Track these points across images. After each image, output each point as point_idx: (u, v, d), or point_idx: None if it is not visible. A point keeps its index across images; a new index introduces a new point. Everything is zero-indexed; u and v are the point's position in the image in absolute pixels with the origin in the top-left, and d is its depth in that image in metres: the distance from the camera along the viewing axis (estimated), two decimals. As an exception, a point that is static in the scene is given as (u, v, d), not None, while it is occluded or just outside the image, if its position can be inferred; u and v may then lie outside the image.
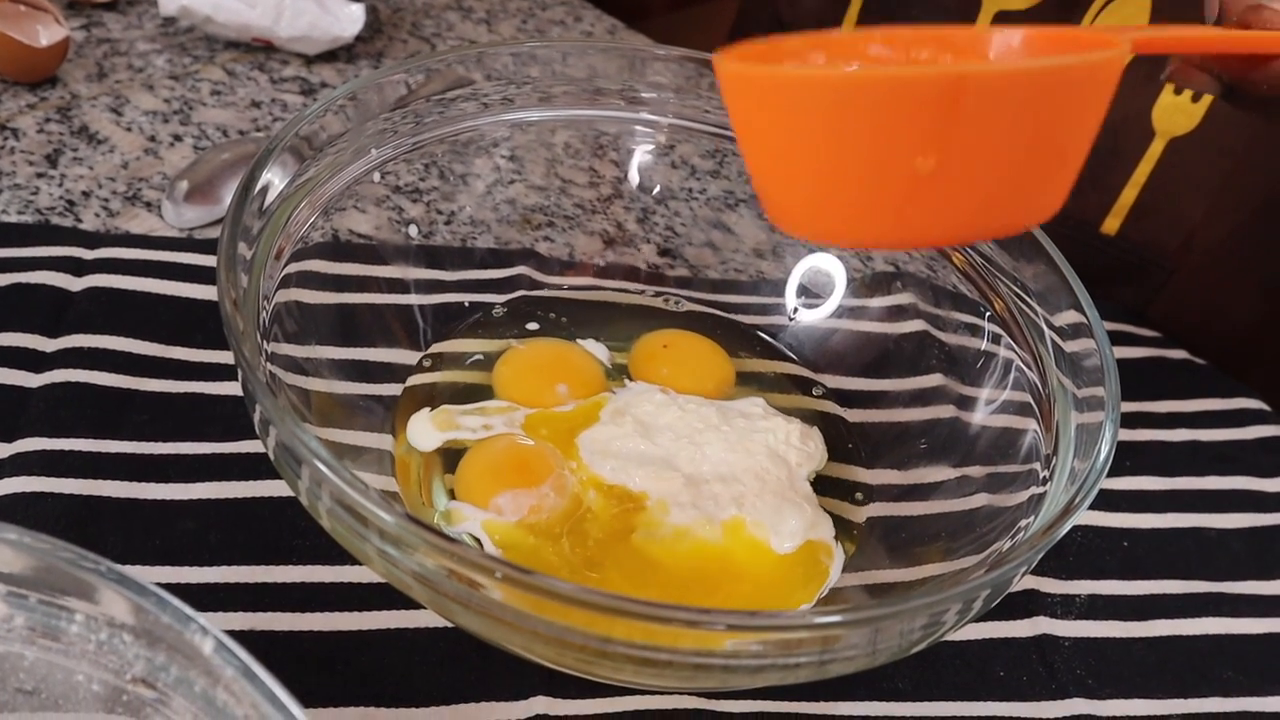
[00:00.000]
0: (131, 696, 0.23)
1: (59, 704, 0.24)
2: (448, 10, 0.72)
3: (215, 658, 0.21)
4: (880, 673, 0.38)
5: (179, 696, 0.23)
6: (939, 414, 0.44)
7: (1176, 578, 0.44)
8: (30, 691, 0.24)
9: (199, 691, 0.22)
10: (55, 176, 0.52)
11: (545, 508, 0.36)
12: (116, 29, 0.63)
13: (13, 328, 0.43)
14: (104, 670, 0.23)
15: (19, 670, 0.24)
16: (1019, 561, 0.28)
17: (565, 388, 0.41)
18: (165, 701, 0.23)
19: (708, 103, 0.48)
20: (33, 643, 0.24)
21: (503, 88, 0.47)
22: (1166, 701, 0.39)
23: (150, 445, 0.39)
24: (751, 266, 0.50)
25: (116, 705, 0.24)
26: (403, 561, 0.26)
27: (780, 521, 0.37)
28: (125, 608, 0.22)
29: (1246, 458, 0.50)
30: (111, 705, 0.24)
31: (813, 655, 0.26)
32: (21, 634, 0.23)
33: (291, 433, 0.27)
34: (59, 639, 0.23)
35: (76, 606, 0.23)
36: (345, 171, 0.42)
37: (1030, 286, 0.41)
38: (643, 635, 0.24)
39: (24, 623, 0.23)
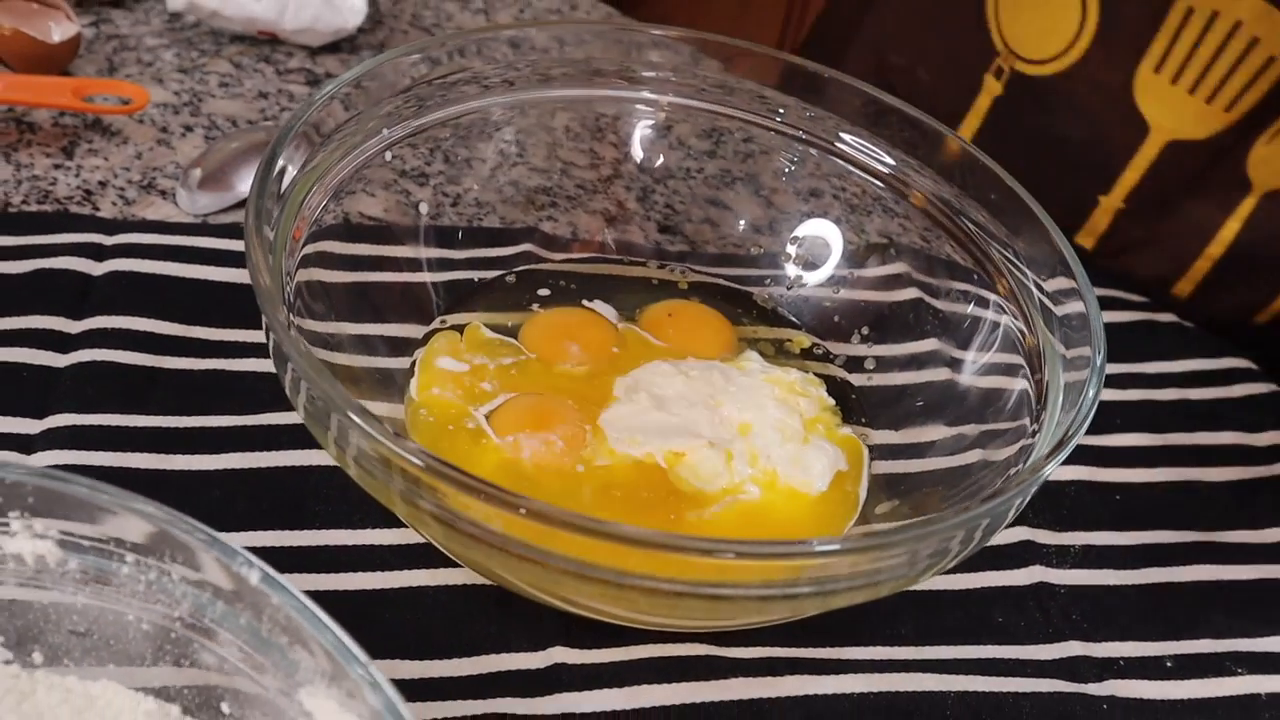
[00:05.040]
0: (179, 634, 0.25)
1: (110, 644, 0.26)
2: (446, 1, 0.74)
3: (262, 588, 0.22)
4: (884, 619, 0.39)
5: (224, 631, 0.24)
6: (935, 376, 0.45)
7: (1168, 528, 0.46)
8: (83, 633, 0.26)
9: (244, 624, 0.24)
10: (72, 167, 0.53)
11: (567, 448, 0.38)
12: (124, 25, 0.65)
13: (38, 311, 0.44)
14: (153, 610, 0.25)
15: (72, 613, 0.25)
16: (1014, 493, 0.30)
17: (579, 348, 0.43)
18: (212, 635, 0.24)
19: (704, 81, 0.50)
20: (85, 585, 0.25)
21: (502, 70, 0.48)
22: (1159, 644, 0.41)
23: (175, 419, 0.41)
24: (749, 241, 0.52)
25: (165, 643, 0.25)
26: (425, 502, 0.27)
27: (808, 465, 0.39)
28: (174, 547, 0.24)
29: (1234, 414, 0.52)
30: (160, 643, 0.25)
31: (816, 585, 0.27)
32: (75, 577, 0.25)
33: (321, 386, 0.28)
34: (110, 582, 0.25)
35: (127, 549, 0.24)
36: (353, 156, 0.43)
37: (1023, 253, 0.43)
38: (658, 567, 0.26)
39: (77, 566, 0.25)
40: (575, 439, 0.40)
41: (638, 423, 0.41)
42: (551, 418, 0.40)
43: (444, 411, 0.40)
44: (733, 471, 0.40)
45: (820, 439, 0.42)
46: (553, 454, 0.39)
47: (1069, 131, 0.58)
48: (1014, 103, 0.60)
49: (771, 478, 0.40)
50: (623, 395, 0.42)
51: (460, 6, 0.74)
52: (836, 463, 0.41)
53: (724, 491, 0.40)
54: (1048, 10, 0.57)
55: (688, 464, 0.40)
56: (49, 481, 0.24)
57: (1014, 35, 0.58)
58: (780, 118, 0.48)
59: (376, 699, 0.21)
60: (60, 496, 0.24)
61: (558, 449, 0.39)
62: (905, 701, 0.36)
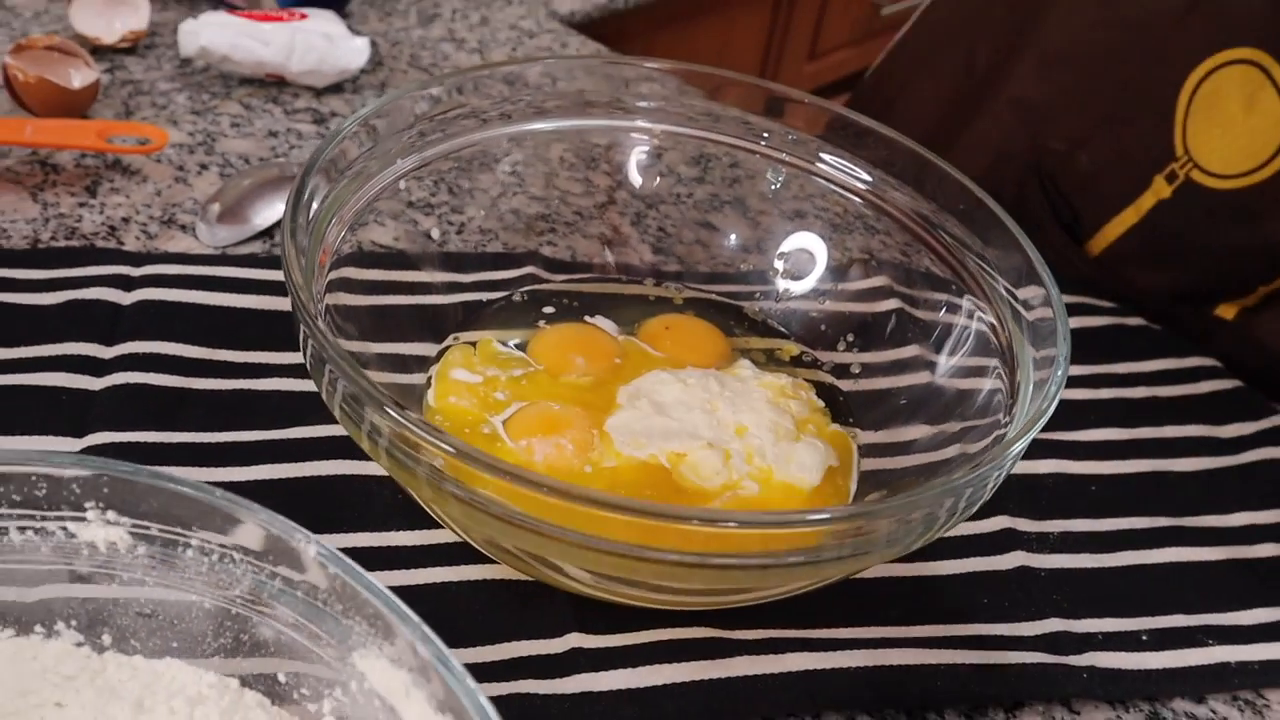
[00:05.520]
0: (239, 611, 0.27)
1: (174, 624, 0.28)
2: (442, 42, 0.77)
3: (319, 560, 0.25)
4: (877, 603, 0.42)
5: (281, 605, 0.27)
6: (916, 379, 0.48)
7: (1140, 515, 0.49)
8: (149, 615, 0.28)
9: (300, 597, 0.26)
10: (96, 205, 0.56)
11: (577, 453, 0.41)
12: (138, 71, 0.68)
13: (73, 338, 0.47)
14: (215, 589, 0.27)
15: (139, 596, 0.28)
16: (990, 467, 0.33)
17: (584, 359, 0.46)
18: (269, 610, 0.27)
19: (691, 110, 0.53)
20: (152, 570, 0.28)
21: (500, 105, 0.51)
22: (1135, 619, 0.44)
23: (207, 435, 0.44)
24: (738, 259, 0.55)
25: (225, 620, 0.28)
26: (456, 490, 0.30)
27: (801, 462, 0.42)
28: (236, 528, 0.26)
29: (1200, 409, 0.55)
30: (221, 621, 0.28)
31: (809, 554, 0.30)
32: (143, 562, 0.28)
33: (358, 383, 0.31)
34: (175, 565, 0.28)
35: (192, 533, 0.27)
36: (366, 189, 0.46)
37: (996, 262, 0.46)
38: (667, 540, 0.29)
39: (145, 552, 0.27)
40: (584, 443, 0.43)
41: (641, 427, 0.44)
42: (561, 423, 0.43)
43: (461, 418, 0.43)
44: (731, 469, 0.43)
45: (812, 437, 0.45)
46: (563, 456, 0.42)
47: (1240, 240, 0.58)
48: (1181, 208, 0.59)
49: (767, 474, 0.43)
50: (626, 402, 0.45)
51: (456, 47, 0.77)
52: (828, 459, 0.44)
53: (724, 488, 0.42)
54: (1246, 129, 0.55)
55: (689, 463, 0.43)
56: (122, 473, 0.27)
57: (1200, 147, 0.57)
58: (764, 142, 0.51)
59: (427, 650, 0.24)
60: (132, 486, 0.27)
61: (568, 452, 0.42)
62: (899, 674, 0.39)
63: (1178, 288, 0.59)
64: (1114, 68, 0.62)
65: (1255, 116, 0.55)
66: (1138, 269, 0.61)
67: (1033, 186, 0.65)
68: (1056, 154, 0.64)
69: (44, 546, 0.27)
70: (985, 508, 0.46)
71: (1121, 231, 0.61)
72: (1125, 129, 0.61)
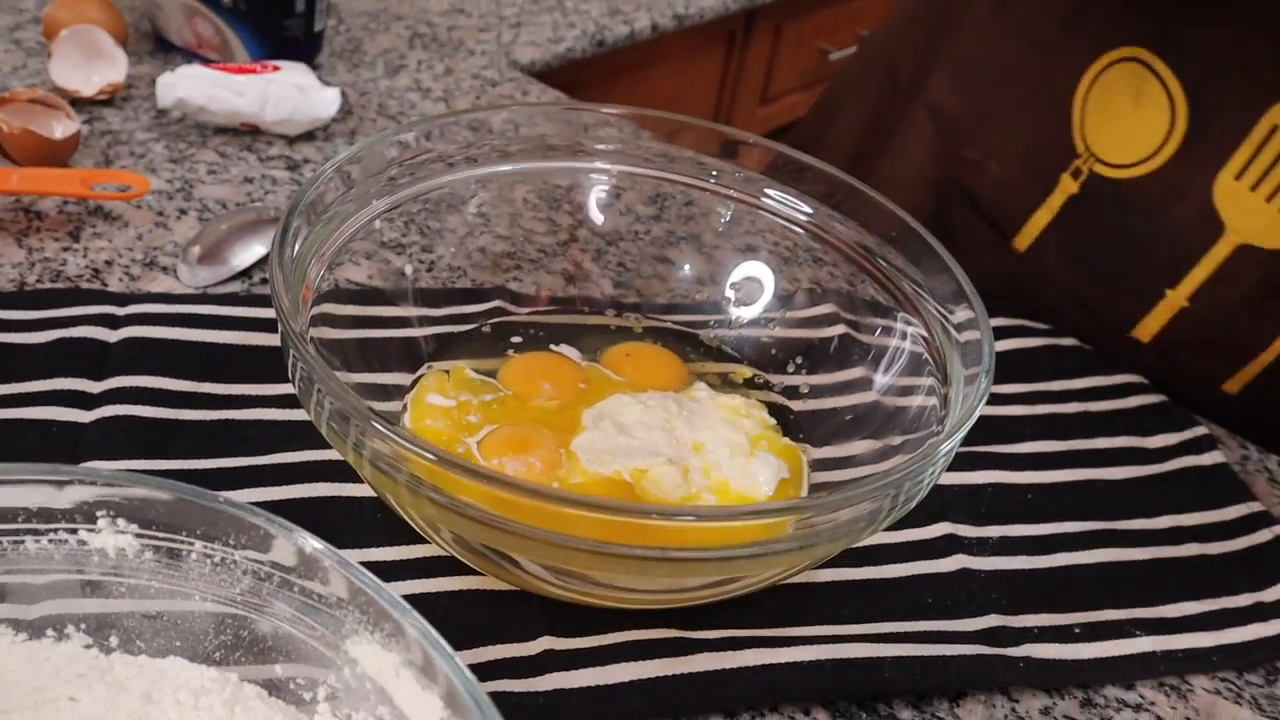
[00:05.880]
0: (239, 606, 0.30)
1: (177, 624, 0.31)
2: (409, 92, 0.81)
3: (313, 557, 0.28)
4: (828, 604, 0.45)
5: (279, 602, 0.29)
6: (861, 398, 0.51)
7: (1073, 519, 0.52)
8: (154, 616, 0.31)
9: (296, 592, 0.29)
10: (79, 249, 0.59)
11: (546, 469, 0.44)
12: (116, 122, 0.71)
13: (62, 374, 0.49)
14: (216, 589, 0.30)
15: (146, 598, 0.30)
16: (925, 462, 0.36)
17: (550, 385, 0.49)
18: (267, 607, 0.30)
19: (646, 152, 0.57)
20: (158, 573, 0.30)
21: (465, 150, 0.55)
22: (1068, 614, 0.47)
23: (195, 462, 0.46)
24: (693, 290, 0.58)
25: (226, 618, 0.30)
26: (435, 495, 0.33)
27: (755, 474, 0.45)
28: (235, 529, 0.29)
29: (1128, 422, 0.59)
30: (222, 617, 0.30)
31: (762, 547, 0.33)
32: (150, 566, 0.30)
33: (344, 400, 0.34)
34: (179, 568, 0.30)
35: (196, 537, 0.30)
36: (342, 230, 0.49)
37: (930, 288, 0.49)
38: (632, 535, 0.32)
39: (151, 557, 0.30)
40: (552, 461, 0.46)
41: (605, 446, 0.47)
42: (531, 443, 0.46)
43: (436, 438, 0.45)
44: (690, 483, 0.46)
45: (764, 452, 0.48)
46: (533, 474, 0.45)
47: (1143, 230, 0.61)
48: (1089, 201, 0.62)
49: (724, 486, 0.46)
50: (590, 424, 0.48)
51: (422, 96, 0.81)
52: (780, 471, 0.47)
53: (684, 500, 0.45)
54: (1135, 120, 0.59)
55: (650, 478, 0.46)
56: (131, 482, 0.29)
57: (1097, 141, 0.61)
58: (715, 180, 0.55)
59: (414, 629, 0.27)
60: (140, 496, 0.29)
61: (537, 469, 0.45)
62: (850, 667, 0.42)
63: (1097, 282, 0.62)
64: (1013, 78, 0.66)
65: (1144, 108, 0.59)
66: (1058, 263, 0.65)
67: (954, 195, 0.69)
68: (970, 163, 0.68)
69: (57, 554, 0.30)
70: (929, 515, 0.50)
71: (1040, 230, 0.65)
72: (1029, 135, 0.65)
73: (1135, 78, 0.59)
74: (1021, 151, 0.66)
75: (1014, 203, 0.66)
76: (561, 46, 0.94)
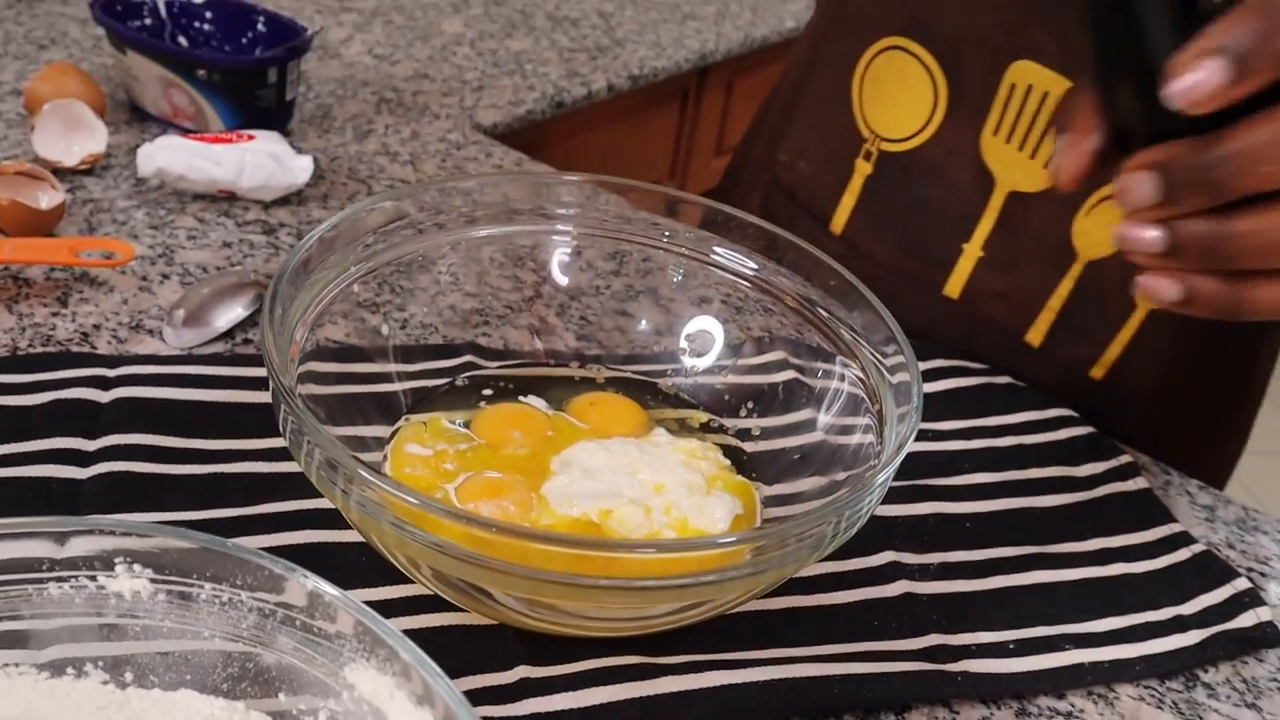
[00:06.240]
0: (246, 642, 0.33)
1: (188, 659, 0.34)
2: (378, 155, 0.85)
3: (315, 592, 0.31)
4: (782, 628, 0.49)
5: (282, 635, 0.33)
6: (808, 438, 0.55)
7: (1008, 545, 0.56)
8: (167, 653, 0.34)
9: (298, 625, 0.32)
10: (68, 314, 0.62)
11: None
12: (97, 190, 0.74)
13: (58, 434, 0.52)
14: (225, 626, 0.33)
15: (159, 636, 0.34)
16: (863, 491, 0.40)
17: (520, 434, 0.52)
18: (271, 640, 0.33)
19: (605, 214, 0.61)
20: (171, 614, 0.33)
21: (434, 215, 0.59)
22: (1004, 632, 0.51)
23: (189, 514, 0.49)
24: (652, 341, 0.62)
25: (234, 652, 0.34)
26: (417, 535, 0.37)
27: (711, 512, 0.49)
28: (242, 570, 0.32)
29: (1059, 453, 0.63)
30: (230, 652, 0.33)
31: (719, 573, 0.37)
32: (162, 607, 0.33)
33: (332, 451, 0.38)
34: (189, 608, 0.33)
35: (206, 579, 0.33)
36: (322, 294, 0.53)
37: (865, 333, 0.54)
38: (599, 568, 0.35)
39: (165, 599, 0.33)
40: (524, 504, 0.49)
41: (573, 489, 0.50)
42: (504, 489, 0.49)
43: (415, 485, 0.49)
44: (652, 521, 0.49)
45: (720, 491, 0.52)
46: (506, 516, 0.48)
47: (933, 193, 0.68)
48: (883, 177, 0.70)
49: (683, 523, 0.50)
50: (558, 469, 0.52)
51: (390, 160, 0.85)
52: (734, 508, 0.51)
53: (646, 536, 0.49)
54: (905, 97, 0.67)
55: (616, 518, 0.49)
56: (147, 531, 0.32)
57: (877, 122, 0.69)
58: (668, 239, 0.59)
59: (408, 654, 0.30)
60: (155, 543, 0.32)
61: (510, 513, 0.49)
62: (802, 685, 0.46)
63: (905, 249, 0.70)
64: (808, 81, 0.75)
65: (909, 85, 0.67)
66: (870, 241, 0.72)
67: (778, 193, 0.77)
68: (785, 165, 0.77)
69: (78, 598, 0.33)
70: (873, 545, 0.54)
71: (849, 213, 0.72)
72: (825, 130, 0.74)
73: (897, 62, 0.67)
74: (821, 147, 0.74)
75: (824, 192, 0.74)
76: (522, 109, 0.99)
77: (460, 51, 1.08)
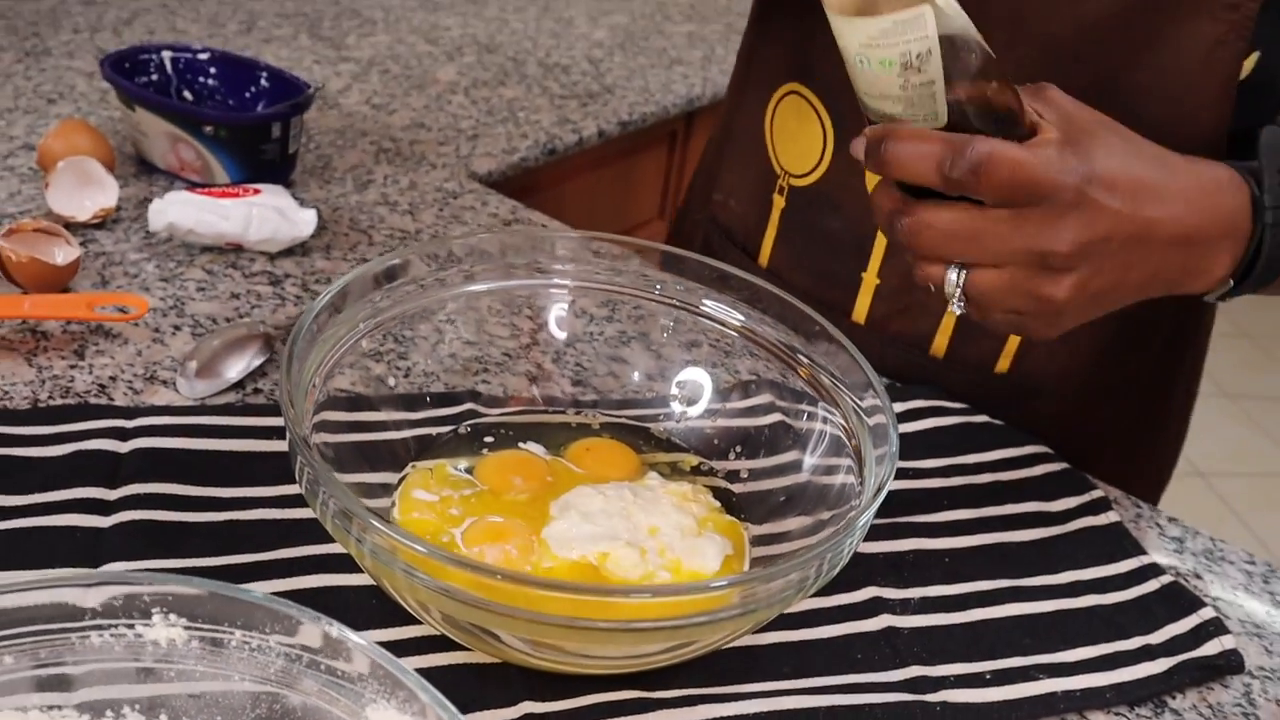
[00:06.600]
0: (273, 684, 0.36)
1: (219, 701, 0.36)
2: (377, 205, 0.88)
3: (339, 639, 0.34)
4: (770, 663, 0.51)
5: (307, 679, 0.35)
6: (794, 479, 0.58)
7: (985, 579, 0.59)
8: (198, 695, 0.36)
9: (323, 669, 0.35)
10: (85, 366, 0.64)
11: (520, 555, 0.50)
12: (109, 243, 0.77)
13: (81, 484, 0.55)
14: (253, 670, 0.36)
15: (192, 679, 0.36)
16: (844, 535, 0.43)
17: (521, 480, 0.55)
18: (297, 682, 0.36)
19: (598, 267, 0.64)
20: (203, 659, 0.36)
21: (436, 272, 0.61)
22: (981, 663, 0.54)
23: (207, 560, 0.52)
24: (644, 388, 0.65)
25: (262, 694, 0.36)
26: (426, 581, 0.39)
27: (703, 552, 0.52)
28: (270, 619, 0.35)
29: (1034, 489, 0.66)
30: (258, 694, 0.36)
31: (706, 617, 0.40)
32: (195, 652, 0.36)
33: (346, 502, 0.40)
34: (221, 653, 0.36)
35: (237, 626, 0.36)
36: (334, 351, 0.56)
37: (847, 382, 0.57)
38: (597, 611, 0.38)
39: (198, 645, 0.36)
40: (526, 548, 0.52)
41: (572, 533, 0.53)
42: (507, 533, 0.52)
43: (423, 529, 0.52)
44: (647, 562, 0.52)
45: (711, 532, 0.55)
46: (509, 560, 0.51)
47: (833, 224, 0.74)
48: (794, 210, 0.76)
49: (676, 564, 0.52)
50: (558, 513, 0.55)
51: (389, 210, 0.88)
52: (724, 549, 0.54)
53: (642, 578, 0.52)
54: (803, 138, 0.73)
55: (613, 560, 0.52)
56: (181, 584, 0.35)
57: (785, 160, 0.75)
58: (659, 291, 0.62)
59: (425, 695, 0.33)
60: (189, 594, 0.35)
61: (513, 556, 0.51)
62: (789, 717, 0.48)
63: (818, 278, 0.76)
64: (732, 122, 0.81)
65: (805, 125, 0.73)
66: (791, 271, 0.77)
67: (714, 230, 0.83)
68: (718, 204, 0.83)
69: (118, 646, 0.36)
70: (856, 581, 0.57)
71: (771, 246, 0.78)
72: (747, 171, 0.80)
73: (797, 105, 0.73)
74: (746, 186, 0.80)
75: (751, 228, 0.80)
76: (515, 156, 1.02)
77: (455, 100, 1.12)
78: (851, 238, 0.74)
